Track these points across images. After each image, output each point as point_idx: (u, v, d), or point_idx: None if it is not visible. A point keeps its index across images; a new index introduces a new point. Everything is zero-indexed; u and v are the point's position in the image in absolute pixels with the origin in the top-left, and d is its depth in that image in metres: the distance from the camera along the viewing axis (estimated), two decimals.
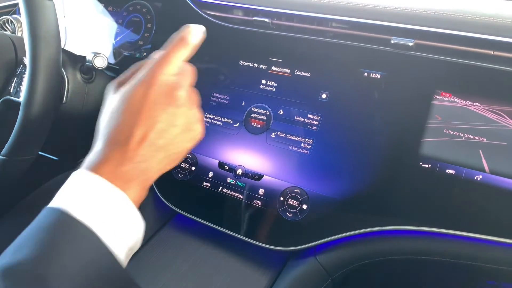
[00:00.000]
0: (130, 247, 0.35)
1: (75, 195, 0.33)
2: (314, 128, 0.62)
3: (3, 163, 0.57)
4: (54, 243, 0.30)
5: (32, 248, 0.29)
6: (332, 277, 0.59)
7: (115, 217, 0.33)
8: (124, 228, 0.34)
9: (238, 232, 0.62)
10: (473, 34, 0.55)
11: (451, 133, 0.54)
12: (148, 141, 0.36)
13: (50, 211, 0.32)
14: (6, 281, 0.27)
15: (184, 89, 0.38)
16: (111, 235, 0.32)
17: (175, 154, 0.39)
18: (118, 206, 0.33)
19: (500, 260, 0.51)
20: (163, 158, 0.38)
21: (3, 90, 0.69)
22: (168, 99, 0.37)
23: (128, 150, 0.35)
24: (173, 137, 0.37)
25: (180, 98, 0.37)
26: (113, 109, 0.37)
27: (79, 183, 0.34)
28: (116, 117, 0.36)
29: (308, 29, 0.67)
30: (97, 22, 0.87)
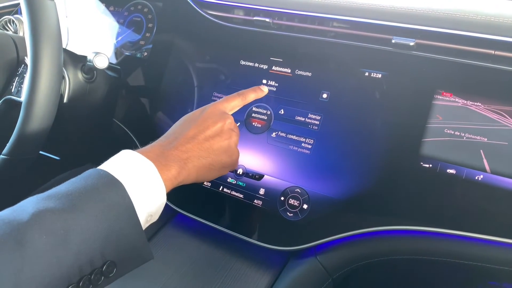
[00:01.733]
0: (149, 213, 0.40)
1: (116, 163, 0.40)
2: (315, 128, 0.62)
3: (5, 163, 0.57)
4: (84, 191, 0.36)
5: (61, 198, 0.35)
6: (332, 277, 0.59)
7: (143, 183, 0.39)
8: (148, 193, 0.39)
9: (239, 231, 0.62)
10: (474, 33, 0.55)
11: (452, 133, 0.54)
12: (196, 139, 0.47)
13: (90, 170, 0.39)
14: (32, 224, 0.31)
15: (231, 119, 0.51)
16: (136, 194, 0.38)
17: (213, 162, 0.48)
18: (147, 175, 0.40)
19: (501, 261, 0.51)
20: (203, 159, 0.47)
21: (4, 89, 0.69)
22: (219, 119, 0.50)
23: (177, 141, 0.46)
24: (216, 145, 0.48)
25: (228, 122, 0.50)
26: (177, 122, 0.51)
27: (122, 156, 0.41)
28: (177, 125, 0.50)
29: (309, 29, 0.67)
30: (99, 22, 0.88)
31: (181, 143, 0.46)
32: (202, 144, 0.47)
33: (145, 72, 0.79)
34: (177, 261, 0.62)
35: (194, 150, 0.46)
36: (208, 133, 0.48)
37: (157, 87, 0.76)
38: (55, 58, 0.56)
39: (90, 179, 0.37)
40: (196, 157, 0.46)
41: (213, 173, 0.50)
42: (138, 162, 0.40)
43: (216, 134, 0.49)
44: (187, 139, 0.46)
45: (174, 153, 0.44)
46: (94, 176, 0.37)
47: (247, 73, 0.69)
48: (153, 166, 0.41)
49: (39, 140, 0.58)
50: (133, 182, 0.38)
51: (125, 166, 0.39)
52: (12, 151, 0.57)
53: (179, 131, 0.48)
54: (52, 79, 0.56)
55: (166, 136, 0.48)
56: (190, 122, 0.49)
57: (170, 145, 0.45)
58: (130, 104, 0.79)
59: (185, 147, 0.45)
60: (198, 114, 0.50)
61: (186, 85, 0.73)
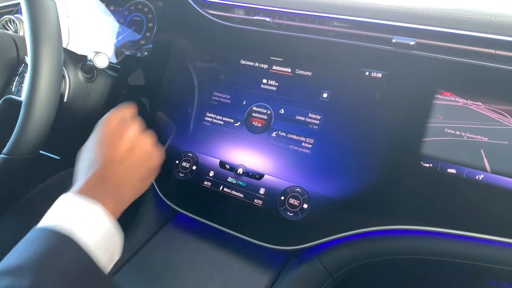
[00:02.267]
0: (110, 253, 0.40)
1: (57, 214, 0.39)
2: (315, 127, 0.62)
3: (5, 162, 0.57)
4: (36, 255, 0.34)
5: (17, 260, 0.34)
6: (332, 277, 0.59)
7: (94, 230, 0.39)
8: (101, 238, 0.39)
9: (239, 231, 0.62)
10: (475, 33, 0.54)
11: (453, 133, 0.54)
12: (114, 162, 0.46)
13: (35, 230, 0.38)
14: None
15: (134, 126, 0.52)
16: (91, 243, 0.37)
17: (142, 173, 0.49)
18: (97, 220, 0.40)
19: (501, 260, 0.51)
20: (132, 176, 0.47)
21: (4, 89, 0.69)
22: (120, 130, 0.50)
23: (102, 172, 0.45)
24: (135, 157, 0.49)
25: (131, 129, 0.51)
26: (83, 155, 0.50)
27: (63, 205, 0.41)
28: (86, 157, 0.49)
29: (309, 28, 0.67)
30: (99, 21, 0.88)
31: (105, 173, 0.45)
32: (123, 163, 0.47)
33: (145, 71, 0.79)
34: (177, 261, 0.62)
35: (120, 173, 0.46)
36: (121, 151, 0.48)
37: (157, 86, 0.76)
38: (55, 57, 0.56)
39: (42, 242, 0.36)
40: (125, 178, 0.46)
41: (146, 183, 0.51)
42: (84, 210, 0.40)
43: (128, 148, 0.49)
44: (107, 165, 0.46)
45: (105, 188, 0.44)
46: (45, 237, 0.36)
47: (247, 73, 0.69)
48: (100, 209, 0.41)
49: (39, 139, 0.58)
50: (86, 235, 0.38)
51: (72, 217, 0.39)
52: (12, 151, 0.57)
53: (95, 162, 0.46)
54: (52, 78, 0.56)
55: (85, 171, 0.46)
56: (98, 148, 0.48)
57: (97, 180, 0.44)
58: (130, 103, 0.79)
59: (111, 176, 0.45)
60: (102, 135, 0.50)
61: (186, 84, 0.73)
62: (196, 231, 0.67)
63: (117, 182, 0.45)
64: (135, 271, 0.60)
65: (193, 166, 0.68)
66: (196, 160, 0.68)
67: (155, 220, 0.69)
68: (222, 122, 0.68)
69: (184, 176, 0.68)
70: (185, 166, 0.69)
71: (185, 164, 0.69)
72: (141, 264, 0.62)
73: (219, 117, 0.69)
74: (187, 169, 0.68)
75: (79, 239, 0.37)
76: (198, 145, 0.69)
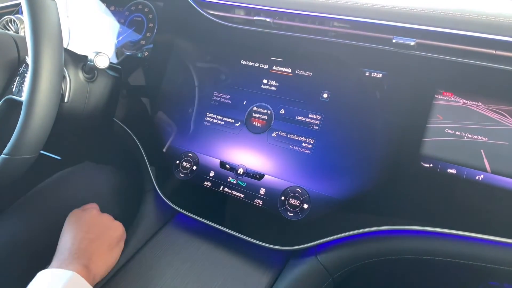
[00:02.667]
0: None
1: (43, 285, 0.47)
2: (315, 127, 0.62)
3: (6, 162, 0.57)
4: None
5: None
6: (332, 277, 0.59)
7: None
8: None
9: (239, 231, 0.62)
10: (475, 33, 0.54)
11: (453, 133, 0.54)
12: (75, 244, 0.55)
13: None
14: None
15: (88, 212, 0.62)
16: None
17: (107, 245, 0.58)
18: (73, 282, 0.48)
19: (501, 261, 0.51)
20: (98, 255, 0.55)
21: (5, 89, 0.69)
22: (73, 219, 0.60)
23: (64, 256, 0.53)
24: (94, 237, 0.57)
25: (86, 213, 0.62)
26: None
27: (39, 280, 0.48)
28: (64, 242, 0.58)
29: (309, 28, 0.67)
30: (99, 21, 0.88)
31: (75, 251, 0.54)
32: (88, 240, 0.56)
33: (145, 71, 0.79)
34: (178, 261, 0.62)
35: (87, 249, 0.54)
36: (84, 232, 0.57)
37: (158, 86, 0.76)
38: (56, 57, 0.56)
39: None
40: (93, 251, 0.55)
41: (114, 252, 0.59)
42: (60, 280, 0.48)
43: (90, 228, 0.58)
44: (76, 245, 0.55)
45: (76, 261, 0.52)
46: None
47: (247, 73, 0.69)
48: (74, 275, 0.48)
49: (40, 139, 0.58)
50: None
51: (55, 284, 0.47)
52: (13, 151, 0.57)
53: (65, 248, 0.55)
54: (53, 78, 0.56)
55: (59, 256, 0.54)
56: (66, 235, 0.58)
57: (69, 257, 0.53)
58: (131, 103, 0.79)
59: (80, 251, 0.54)
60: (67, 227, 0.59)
61: (187, 84, 0.73)
62: (197, 231, 0.67)
63: (87, 255, 0.53)
64: (136, 271, 0.60)
65: (193, 166, 0.68)
66: (196, 160, 0.68)
67: (155, 220, 0.69)
68: (223, 122, 0.69)
69: (184, 176, 0.68)
70: (186, 166, 0.69)
71: (186, 164, 0.69)
72: (142, 264, 0.62)
73: (220, 117, 0.69)
74: (188, 169, 0.68)
75: None
76: (199, 145, 0.69)
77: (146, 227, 0.68)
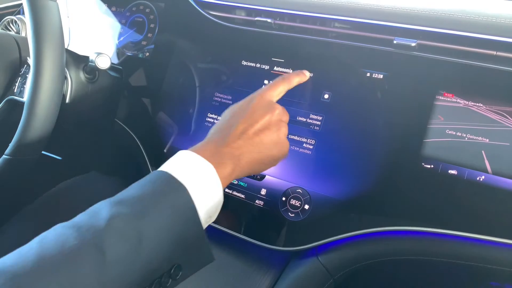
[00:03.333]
0: (209, 214, 0.42)
1: (176, 164, 0.41)
2: (316, 128, 0.62)
3: (8, 163, 0.58)
4: (153, 196, 0.37)
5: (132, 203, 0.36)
6: (334, 278, 0.59)
7: (204, 185, 0.40)
8: (208, 195, 0.40)
9: (240, 232, 0.62)
10: (476, 34, 0.54)
11: (454, 134, 0.54)
12: (246, 134, 0.46)
13: (155, 173, 0.41)
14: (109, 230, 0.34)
15: (279, 109, 0.49)
16: (198, 197, 0.39)
17: (265, 156, 0.47)
18: (206, 176, 0.41)
19: (503, 261, 0.51)
20: (255, 154, 0.46)
21: (7, 90, 0.69)
22: (267, 110, 0.48)
23: (228, 138, 0.45)
24: (266, 139, 0.47)
25: (276, 113, 0.49)
26: (224, 114, 0.49)
27: (180, 157, 0.42)
28: (224, 119, 0.48)
29: (310, 29, 0.67)
30: (100, 22, 0.88)
31: (232, 140, 0.45)
32: (253, 139, 0.46)
33: (147, 72, 0.79)
34: None
35: (246, 146, 0.46)
36: (257, 127, 0.47)
37: (159, 87, 0.76)
38: (58, 58, 0.56)
39: (157, 184, 0.39)
40: (248, 152, 0.46)
41: (264, 167, 0.49)
42: (198, 164, 0.42)
43: (265, 127, 0.47)
44: (237, 135, 0.46)
45: (227, 150, 0.44)
46: (160, 179, 0.39)
47: (248, 74, 0.69)
48: (212, 168, 0.42)
49: (42, 140, 0.58)
50: (195, 185, 0.39)
51: (186, 168, 0.41)
52: (15, 151, 0.57)
53: (228, 126, 0.47)
54: (55, 79, 0.56)
55: (216, 132, 0.47)
56: (238, 116, 0.48)
57: (222, 142, 0.45)
58: (132, 104, 0.79)
59: (236, 144, 0.45)
60: (246, 106, 0.49)
61: (188, 85, 0.73)
62: None
63: (240, 152, 0.45)
64: None
65: None
66: None
67: None
68: None
69: None
70: None
71: None
72: None
73: None
74: None
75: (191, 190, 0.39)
76: None
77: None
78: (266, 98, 0.50)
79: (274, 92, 0.51)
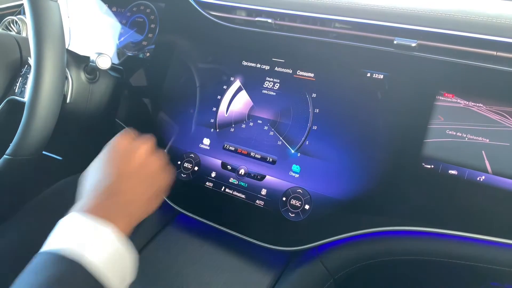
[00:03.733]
0: (122, 275, 0.39)
1: (64, 236, 0.38)
2: (315, 128, 0.62)
3: (8, 162, 0.58)
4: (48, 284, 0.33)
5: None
6: (334, 278, 0.59)
7: (106, 253, 0.37)
8: (113, 262, 0.38)
9: (241, 232, 0.62)
10: (476, 34, 0.55)
11: (454, 134, 0.54)
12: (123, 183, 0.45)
13: (42, 255, 0.36)
14: None
15: (144, 147, 0.50)
16: (100, 264, 0.36)
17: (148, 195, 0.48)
18: (107, 243, 0.38)
19: (503, 262, 0.51)
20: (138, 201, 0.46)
21: (8, 90, 0.69)
22: (130, 153, 0.48)
23: (109, 190, 0.43)
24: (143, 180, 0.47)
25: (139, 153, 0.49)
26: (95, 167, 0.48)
27: (68, 225, 0.39)
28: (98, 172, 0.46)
29: (311, 29, 0.67)
30: (101, 22, 0.88)
31: (114, 189, 0.44)
32: (132, 180, 0.46)
33: (147, 72, 0.79)
34: (179, 261, 0.62)
35: (128, 191, 0.45)
36: (130, 169, 0.47)
37: (159, 87, 0.76)
38: (58, 58, 0.57)
39: (50, 270, 0.34)
40: (134, 195, 0.45)
41: (155, 202, 0.49)
42: (91, 230, 0.38)
43: (139, 166, 0.48)
44: (117, 182, 0.44)
45: (113, 203, 0.42)
46: (53, 264, 0.35)
47: (249, 74, 0.69)
48: (109, 228, 0.39)
49: (42, 140, 0.58)
50: (95, 257, 0.36)
51: (79, 238, 0.37)
52: (16, 151, 0.57)
53: (103, 179, 0.45)
54: (55, 79, 0.56)
55: (94, 188, 0.44)
56: (107, 167, 0.47)
57: (104, 197, 0.43)
58: (133, 104, 0.79)
59: (120, 191, 0.44)
60: (111, 156, 0.48)
61: (188, 85, 0.73)
62: (198, 232, 0.67)
63: (127, 198, 0.44)
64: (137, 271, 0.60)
65: (195, 167, 0.68)
66: (198, 161, 0.69)
67: (157, 220, 0.69)
68: None
69: (186, 176, 0.69)
70: (187, 167, 0.69)
71: (187, 164, 0.69)
72: (143, 264, 0.61)
73: None
74: (189, 170, 0.69)
75: (89, 264, 0.35)
76: (200, 146, 0.69)
77: (147, 227, 0.68)
78: (123, 141, 0.50)
79: (128, 135, 0.52)
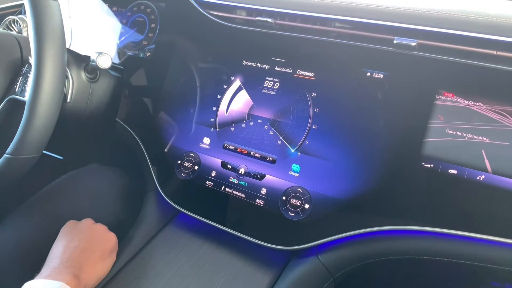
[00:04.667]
0: None
1: None
2: (315, 127, 0.62)
3: (9, 162, 0.58)
4: None
5: None
6: (333, 277, 0.59)
7: None
8: None
9: (241, 231, 0.62)
10: (476, 34, 0.55)
11: (454, 133, 0.54)
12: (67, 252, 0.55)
13: None
14: None
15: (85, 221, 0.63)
16: None
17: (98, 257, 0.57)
18: None
19: (503, 261, 0.51)
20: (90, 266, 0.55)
21: (8, 89, 0.69)
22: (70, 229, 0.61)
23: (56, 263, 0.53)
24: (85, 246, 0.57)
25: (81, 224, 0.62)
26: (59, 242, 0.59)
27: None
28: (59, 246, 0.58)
29: (311, 29, 0.67)
30: (102, 22, 0.88)
31: (66, 261, 0.53)
32: (80, 248, 0.56)
33: (147, 72, 0.80)
34: (179, 260, 0.62)
35: (78, 259, 0.54)
36: (77, 242, 0.57)
37: (160, 87, 0.76)
38: (59, 58, 0.57)
39: None
40: (84, 261, 0.54)
41: (106, 263, 0.58)
42: None
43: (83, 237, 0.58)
44: (68, 255, 0.54)
45: (66, 270, 0.51)
46: None
47: (249, 73, 0.69)
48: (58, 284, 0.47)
49: (43, 139, 0.58)
50: None
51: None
52: (16, 150, 0.57)
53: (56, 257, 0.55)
54: (56, 79, 0.56)
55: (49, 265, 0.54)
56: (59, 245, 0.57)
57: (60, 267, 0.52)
58: (133, 104, 0.79)
59: (71, 261, 0.53)
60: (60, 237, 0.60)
61: (189, 85, 0.73)
62: (198, 231, 0.67)
63: (78, 264, 0.53)
64: (137, 270, 0.61)
65: (195, 166, 0.69)
66: (198, 160, 0.69)
67: (157, 219, 0.69)
68: None
69: (186, 176, 0.69)
70: (187, 166, 0.69)
71: (187, 164, 0.69)
72: (143, 263, 0.62)
73: None
74: (189, 169, 0.69)
75: None
76: (200, 145, 0.70)
77: (148, 226, 0.68)
78: (68, 225, 0.62)
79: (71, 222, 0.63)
